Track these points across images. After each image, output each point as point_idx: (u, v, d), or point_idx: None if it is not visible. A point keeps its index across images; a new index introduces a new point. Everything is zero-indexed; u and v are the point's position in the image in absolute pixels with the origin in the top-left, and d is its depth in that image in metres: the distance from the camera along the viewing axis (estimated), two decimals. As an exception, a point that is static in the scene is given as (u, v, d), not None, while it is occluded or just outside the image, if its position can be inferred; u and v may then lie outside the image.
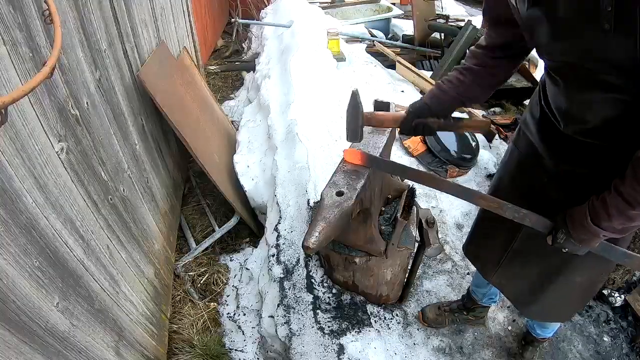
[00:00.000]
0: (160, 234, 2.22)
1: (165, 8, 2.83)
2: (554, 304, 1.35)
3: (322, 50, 3.56)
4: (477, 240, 1.51)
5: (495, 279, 1.44)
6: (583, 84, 0.89)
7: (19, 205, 1.04)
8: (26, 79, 1.07)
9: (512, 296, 1.44)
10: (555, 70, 0.95)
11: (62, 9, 1.33)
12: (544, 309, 1.37)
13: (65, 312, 1.20)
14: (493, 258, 1.39)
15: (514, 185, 1.27)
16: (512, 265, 1.34)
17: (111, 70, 1.78)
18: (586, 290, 1.31)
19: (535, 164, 1.16)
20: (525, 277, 1.33)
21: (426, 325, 1.83)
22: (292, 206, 2.09)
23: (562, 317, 1.45)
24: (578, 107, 0.95)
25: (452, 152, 2.68)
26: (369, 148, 1.38)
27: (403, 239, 1.52)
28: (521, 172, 1.24)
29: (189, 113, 2.55)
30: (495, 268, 1.40)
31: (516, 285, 1.39)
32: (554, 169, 1.10)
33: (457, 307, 1.82)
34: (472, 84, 1.17)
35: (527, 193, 1.18)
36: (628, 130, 0.89)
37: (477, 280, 1.72)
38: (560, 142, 1.05)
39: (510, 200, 1.09)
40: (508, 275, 1.38)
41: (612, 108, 0.87)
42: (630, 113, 0.85)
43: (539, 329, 1.67)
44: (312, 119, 2.56)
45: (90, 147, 1.49)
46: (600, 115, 0.91)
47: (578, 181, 1.06)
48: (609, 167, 0.96)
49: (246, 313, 2.13)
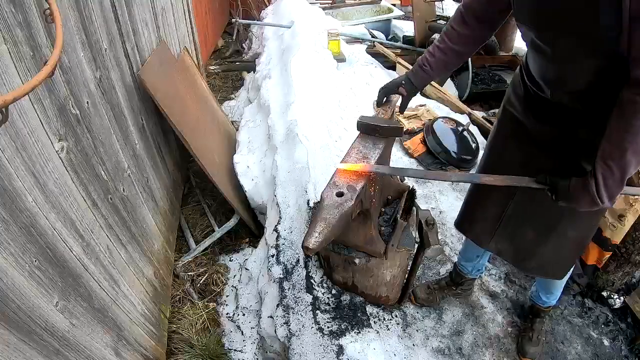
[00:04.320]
0: (160, 233, 2.22)
1: (166, 8, 2.82)
2: (551, 259, 1.44)
3: (322, 50, 3.56)
4: (471, 214, 1.58)
5: (492, 245, 1.53)
6: (568, 52, 0.99)
7: (19, 204, 1.04)
8: (27, 77, 1.07)
9: (510, 257, 1.53)
10: (544, 41, 1.04)
11: (63, 8, 1.33)
12: (542, 263, 1.46)
13: (64, 311, 1.20)
14: (488, 227, 1.50)
15: (503, 161, 1.36)
16: (508, 230, 1.45)
17: (112, 70, 1.78)
18: (578, 244, 1.42)
19: (524, 137, 1.26)
20: (522, 237, 1.43)
21: (419, 305, 1.89)
22: (292, 207, 2.09)
23: (559, 274, 1.53)
24: (565, 74, 1.05)
25: (452, 153, 2.68)
26: (369, 149, 1.38)
27: (403, 240, 1.52)
28: (510, 148, 1.33)
29: (189, 113, 2.55)
30: (492, 236, 1.50)
31: (513, 246, 1.48)
32: (543, 138, 1.21)
33: (445, 284, 1.91)
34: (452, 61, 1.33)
35: (518, 167, 1.27)
36: (608, 93, 0.99)
37: (467, 254, 1.82)
38: (547, 111, 1.17)
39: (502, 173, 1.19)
40: (505, 239, 1.48)
41: (595, 73, 0.98)
42: (610, 77, 0.96)
43: (544, 296, 1.74)
44: (313, 120, 2.56)
45: (90, 146, 1.49)
46: (584, 80, 1.02)
47: (566, 146, 1.17)
48: (592, 130, 1.07)
49: (245, 313, 2.13)
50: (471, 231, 1.60)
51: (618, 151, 0.93)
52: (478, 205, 1.54)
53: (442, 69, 1.34)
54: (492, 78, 3.90)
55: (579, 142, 1.15)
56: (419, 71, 1.35)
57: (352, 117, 2.87)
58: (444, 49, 1.30)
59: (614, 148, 0.94)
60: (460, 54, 1.31)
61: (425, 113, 3.08)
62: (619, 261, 1.89)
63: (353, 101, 3.11)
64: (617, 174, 0.95)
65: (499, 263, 2.14)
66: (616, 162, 0.94)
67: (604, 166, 0.96)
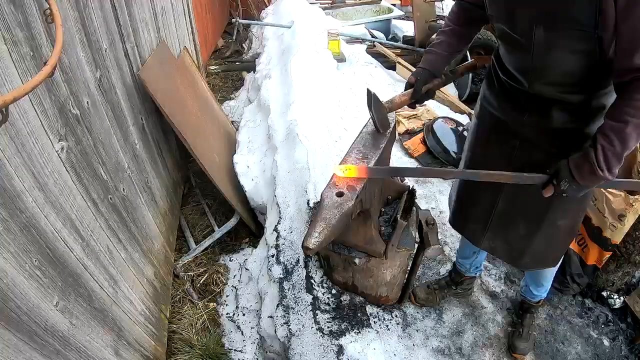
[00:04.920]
0: (160, 233, 2.22)
1: (165, 8, 2.82)
2: (543, 251, 1.46)
3: (322, 50, 3.56)
4: (464, 211, 1.59)
5: (486, 243, 1.53)
6: (547, 43, 1.02)
7: (19, 204, 1.04)
8: (27, 77, 1.07)
9: (504, 255, 1.54)
10: (521, 34, 1.07)
11: (63, 8, 1.33)
12: (535, 257, 1.48)
13: (64, 311, 1.20)
14: (480, 223, 1.50)
15: (487, 157, 1.38)
16: (499, 225, 1.46)
17: (112, 70, 1.78)
18: (569, 232, 1.43)
19: (504, 131, 1.28)
20: (513, 232, 1.44)
21: (419, 305, 1.89)
22: (292, 207, 2.09)
23: (552, 262, 1.55)
24: (543, 65, 1.08)
25: (452, 153, 2.68)
26: (369, 149, 1.38)
27: (403, 240, 1.52)
28: (491, 144, 1.36)
29: (189, 113, 2.55)
30: (484, 232, 1.50)
31: (506, 243, 1.48)
32: (523, 130, 1.23)
33: (445, 283, 1.91)
34: (453, 41, 1.37)
35: (502, 161, 1.31)
36: (585, 81, 1.05)
37: (463, 252, 1.83)
38: (525, 102, 1.19)
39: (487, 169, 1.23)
40: (497, 235, 1.49)
41: (573, 61, 1.02)
42: (587, 65, 1.01)
43: (535, 290, 1.75)
44: (313, 120, 2.56)
45: (90, 146, 1.49)
46: (562, 69, 1.06)
47: (548, 136, 1.19)
48: (574, 118, 1.11)
49: (245, 313, 2.13)
50: (466, 228, 1.61)
51: (618, 124, 0.97)
52: (468, 202, 1.55)
53: (446, 48, 1.37)
54: (492, 78, 3.89)
55: (561, 132, 1.17)
56: (426, 55, 1.40)
57: (352, 117, 2.87)
58: (446, 31, 1.37)
59: (614, 121, 0.98)
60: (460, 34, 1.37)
61: (425, 113, 3.08)
62: (619, 261, 1.89)
63: (353, 101, 3.11)
64: (618, 145, 0.98)
65: (498, 263, 2.14)
66: (616, 134, 0.97)
67: (604, 137, 0.99)
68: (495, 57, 1.30)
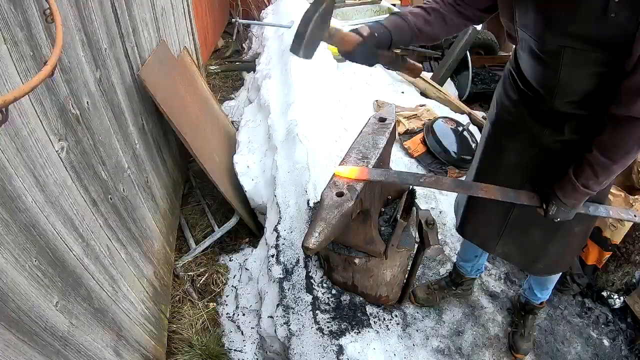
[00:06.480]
0: (160, 233, 2.22)
1: (166, 8, 2.82)
2: (558, 256, 1.45)
3: (322, 50, 3.56)
4: (474, 218, 1.56)
5: (499, 250, 1.51)
6: (572, 62, 1.00)
7: (19, 204, 1.03)
8: (26, 77, 1.07)
9: (519, 262, 1.54)
10: (545, 52, 1.05)
11: (63, 8, 1.33)
12: (550, 263, 1.47)
13: (64, 311, 1.20)
14: (493, 231, 1.48)
15: (501, 164, 1.36)
16: (514, 233, 1.44)
17: (112, 70, 1.78)
18: (583, 237, 1.44)
19: (524, 139, 1.26)
20: (528, 240, 1.43)
21: (419, 305, 1.89)
22: (292, 207, 2.09)
23: (565, 266, 1.55)
24: (568, 83, 1.06)
25: (452, 153, 2.68)
26: (369, 149, 1.38)
27: (403, 240, 1.52)
28: (507, 151, 1.33)
29: (189, 113, 2.55)
30: (497, 240, 1.48)
31: (521, 251, 1.47)
32: (546, 140, 1.21)
33: (445, 284, 1.91)
34: (433, 22, 1.16)
35: (518, 169, 1.31)
36: (603, 98, 1.02)
37: (465, 255, 1.81)
38: (547, 115, 1.17)
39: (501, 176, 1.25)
40: (511, 243, 1.47)
41: (597, 81, 1.01)
42: (611, 83, 0.98)
43: (539, 292, 1.74)
44: (313, 120, 2.56)
45: (90, 146, 1.49)
46: (586, 89, 1.05)
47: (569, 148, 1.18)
48: (593, 133, 1.08)
49: (245, 313, 2.13)
50: (476, 237, 1.58)
51: (607, 161, 1.02)
52: (480, 210, 1.50)
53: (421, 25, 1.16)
54: (492, 78, 3.90)
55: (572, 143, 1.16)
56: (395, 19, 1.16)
57: (352, 117, 2.87)
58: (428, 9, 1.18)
59: (604, 157, 1.02)
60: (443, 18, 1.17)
61: (425, 113, 3.08)
62: (619, 261, 1.89)
63: (353, 101, 3.11)
64: (602, 177, 1.06)
65: (499, 263, 2.14)
66: (602, 169, 1.04)
67: (590, 168, 1.05)
68: (515, 66, 1.25)
